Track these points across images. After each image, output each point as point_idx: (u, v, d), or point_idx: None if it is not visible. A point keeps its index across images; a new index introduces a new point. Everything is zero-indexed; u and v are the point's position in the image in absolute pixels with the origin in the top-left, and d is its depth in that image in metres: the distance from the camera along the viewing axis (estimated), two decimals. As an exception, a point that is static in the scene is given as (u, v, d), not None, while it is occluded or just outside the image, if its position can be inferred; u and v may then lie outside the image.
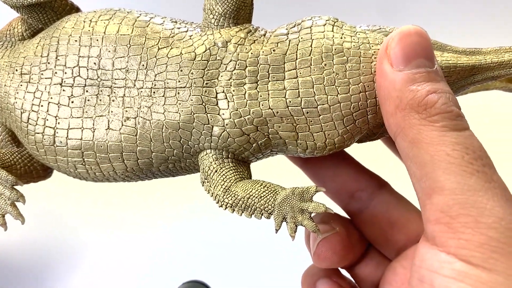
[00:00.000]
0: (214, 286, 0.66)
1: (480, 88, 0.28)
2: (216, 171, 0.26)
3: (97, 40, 0.26)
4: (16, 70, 0.27)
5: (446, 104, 0.21)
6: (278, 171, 0.42)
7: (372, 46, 0.24)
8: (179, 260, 0.69)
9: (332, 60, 0.24)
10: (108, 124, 0.26)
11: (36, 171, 0.30)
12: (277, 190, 0.25)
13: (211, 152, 0.26)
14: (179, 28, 0.27)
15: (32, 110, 0.27)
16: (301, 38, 0.25)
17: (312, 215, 0.24)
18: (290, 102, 0.24)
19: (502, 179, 0.21)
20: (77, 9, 0.30)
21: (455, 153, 0.20)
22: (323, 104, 0.24)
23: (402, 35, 0.22)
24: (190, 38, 0.26)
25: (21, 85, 0.27)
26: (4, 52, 0.29)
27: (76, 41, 0.26)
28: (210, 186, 0.26)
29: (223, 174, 0.25)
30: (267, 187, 0.25)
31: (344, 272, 0.31)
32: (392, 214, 0.29)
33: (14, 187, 0.27)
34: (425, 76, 0.22)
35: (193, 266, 0.69)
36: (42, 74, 0.27)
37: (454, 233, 0.20)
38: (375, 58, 0.24)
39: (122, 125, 0.25)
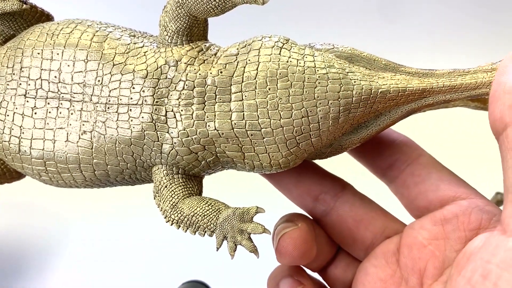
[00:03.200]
0: (214, 286, 0.66)
1: (439, 106, 0.28)
2: (166, 187, 0.27)
3: (58, 54, 0.27)
4: None
5: None
6: (244, 178, 0.42)
7: (318, 70, 0.25)
8: (179, 260, 0.70)
9: (276, 85, 0.25)
10: (67, 136, 0.27)
11: (10, 173, 0.32)
12: (220, 209, 0.26)
13: (162, 167, 0.27)
14: (135, 43, 0.28)
15: None
16: (249, 60, 0.26)
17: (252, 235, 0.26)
18: (235, 124, 0.25)
19: None
20: (47, 16, 0.31)
21: None
22: (266, 128, 0.25)
23: None
24: (144, 55, 0.27)
25: None
26: None
27: (38, 53, 0.28)
28: (159, 200, 0.27)
29: (172, 190, 0.27)
30: (211, 206, 0.26)
31: (317, 275, 0.33)
32: (357, 212, 0.30)
33: None
34: None
35: (193, 266, 0.69)
36: (8, 84, 0.28)
37: None
38: (319, 83, 0.25)
39: (79, 138, 0.27)
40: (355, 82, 0.25)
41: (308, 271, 0.32)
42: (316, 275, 0.33)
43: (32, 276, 0.69)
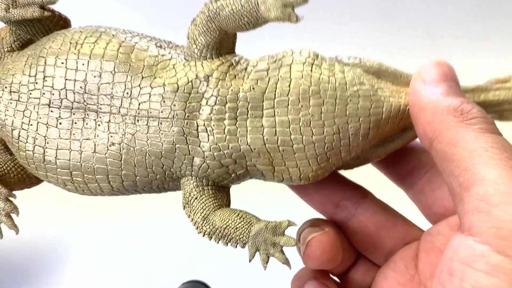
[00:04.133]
0: (214, 286, 0.66)
1: None
2: (196, 198, 0.27)
3: (83, 64, 0.27)
4: (6, 88, 0.29)
5: (481, 111, 0.23)
6: (261, 183, 0.43)
7: (349, 87, 0.26)
8: (179, 260, 0.70)
9: (309, 102, 0.25)
10: (95, 147, 0.27)
11: (29, 178, 0.32)
12: (252, 222, 0.27)
13: (192, 179, 0.27)
14: (163, 55, 0.28)
15: (22, 128, 0.28)
16: (280, 76, 0.26)
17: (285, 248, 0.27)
18: (267, 139, 0.26)
19: None
20: (65, 20, 0.31)
21: (494, 150, 0.21)
22: (298, 144, 0.26)
23: (435, 63, 0.25)
24: (174, 68, 0.27)
25: (10, 102, 0.28)
26: None
27: (62, 63, 0.28)
28: (190, 212, 0.28)
29: (203, 202, 0.27)
30: (243, 218, 0.27)
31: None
32: (378, 219, 0.31)
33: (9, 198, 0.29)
34: (458, 92, 0.24)
35: (193, 266, 0.70)
36: (30, 93, 0.28)
37: (493, 222, 0.20)
38: (350, 100, 0.26)
39: (108, 149, 0.27)
40: (384, 99, 0.26)
41: None
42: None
43: (33, 278, 0.69)
